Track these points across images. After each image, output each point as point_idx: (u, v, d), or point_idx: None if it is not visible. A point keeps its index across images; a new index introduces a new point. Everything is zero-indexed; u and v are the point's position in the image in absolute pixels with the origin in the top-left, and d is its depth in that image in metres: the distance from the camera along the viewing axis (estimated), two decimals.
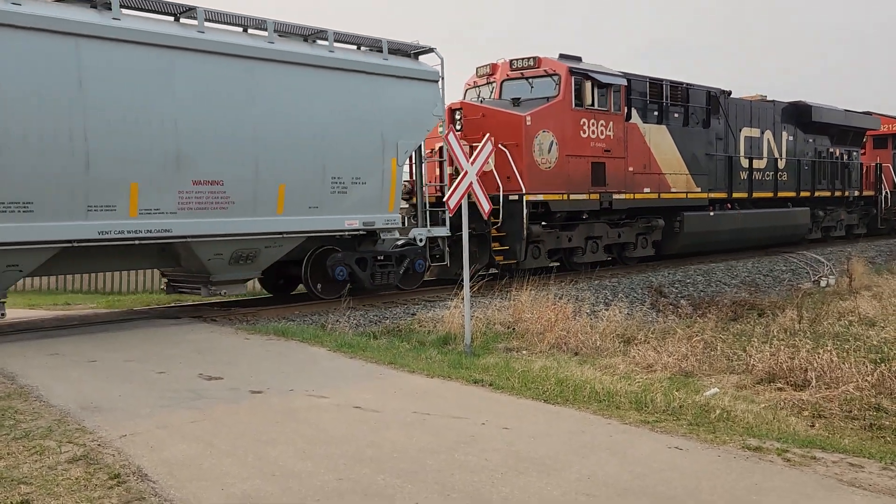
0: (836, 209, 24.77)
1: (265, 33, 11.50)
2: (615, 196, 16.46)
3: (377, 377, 7.51)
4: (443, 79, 13.58)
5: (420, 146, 13.77)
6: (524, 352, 9.46)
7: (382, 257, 13.21)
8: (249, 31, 11.58)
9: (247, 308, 12.61)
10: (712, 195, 19.15)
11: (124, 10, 10.14)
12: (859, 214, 26.24)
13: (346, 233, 12.50)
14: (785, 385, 7.72)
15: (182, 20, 10.82)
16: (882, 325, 11.31)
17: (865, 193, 26.08)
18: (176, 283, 12.32)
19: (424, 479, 4.60)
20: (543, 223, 15.25)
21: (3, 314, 9.69)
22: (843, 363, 7.94)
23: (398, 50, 13.30)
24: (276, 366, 7.95)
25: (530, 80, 15.64)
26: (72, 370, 7.72)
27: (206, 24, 10.89)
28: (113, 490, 4.36)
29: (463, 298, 9.59)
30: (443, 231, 13.95)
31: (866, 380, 7.48)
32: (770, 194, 21.43)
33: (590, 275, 16.58)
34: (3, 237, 9.19)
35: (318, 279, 12.80)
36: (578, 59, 16.23)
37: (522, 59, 15.82)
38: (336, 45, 12.38)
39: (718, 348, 9.33)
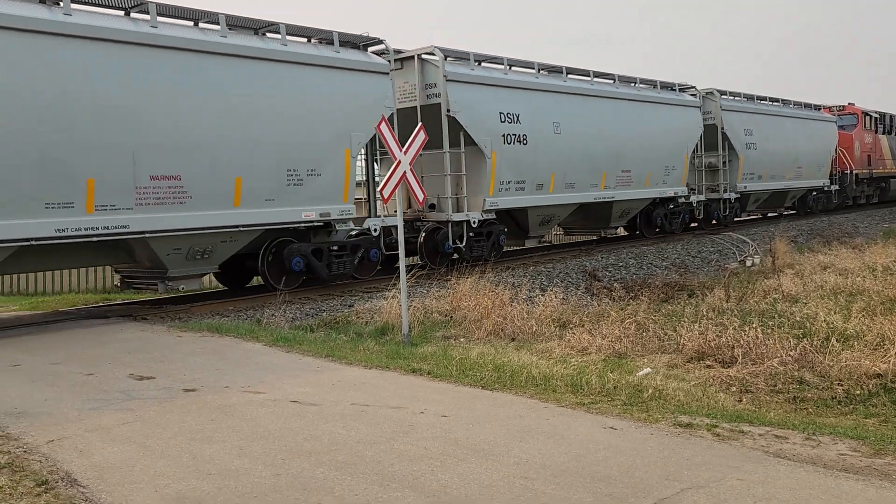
0: None
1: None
2: (873, 171, 33.05)
3: (314, 370, 7.44)
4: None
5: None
6: (462, 339, 9.50)
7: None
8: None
9: (179, 305, 12.32)
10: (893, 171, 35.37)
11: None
12: None
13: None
14: (714, 363, 7.95)
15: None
16: (804, 301, 11.74)
17: None
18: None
19: (363, 470, 4.58)
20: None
21: None
22: (768, 339, 8.23)
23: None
24: (211, 363, 7.80)
25: (840, 115, 30.84)
26: None
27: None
28: (41, 497, 4.21)
29: (400, 288, 9.57)
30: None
31: (790, 354, 7.77)
32: None
33: (526, 262, 16.82)
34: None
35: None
36: (853, 104, 32.03)
37: (837, 106, 31.35)
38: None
39: (650, 329, 9.55)
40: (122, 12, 10.98)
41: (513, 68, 16.70)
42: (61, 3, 10.11)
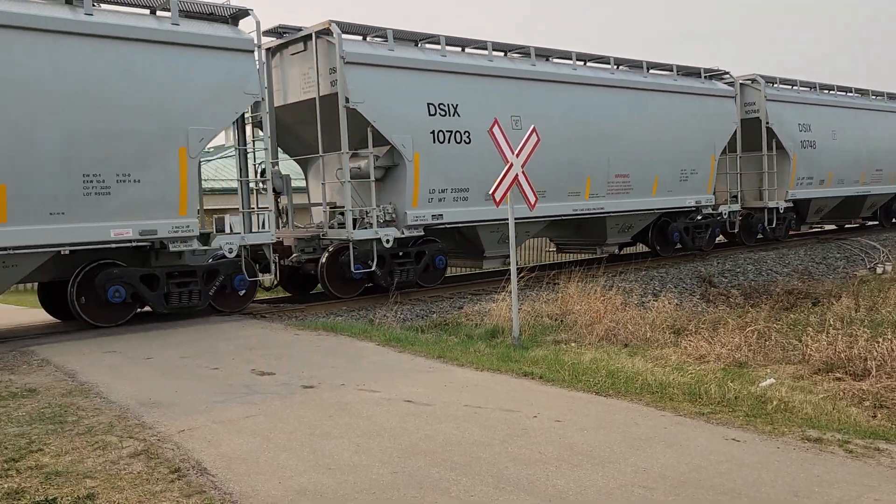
0: None
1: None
2: None
3: (427, 371, 7.52)
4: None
5: None
6: (573, 344, 9.38)
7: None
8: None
9: (295, 304, 12.76)
10: None
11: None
12: None
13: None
14: (844, 375, 7.51)
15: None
16: None
17: None
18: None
19: (479, 471, 4.59)
20: None
21: None
22: None
23: None
24: (327, 360, 8.03)
25: None
26: (129, 367, 7.90)
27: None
28: (174, 484, 4.45)
29: (510, 291, 9.55)
30: None
31: None
32: None
33: (637, 266, 16.44)
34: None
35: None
36: None
37: None
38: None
39: (773, 338, 9.12)
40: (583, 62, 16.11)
41: (794, 87, 21.00)
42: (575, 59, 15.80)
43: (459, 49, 14.19)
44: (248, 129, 12.27)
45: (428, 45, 13.56)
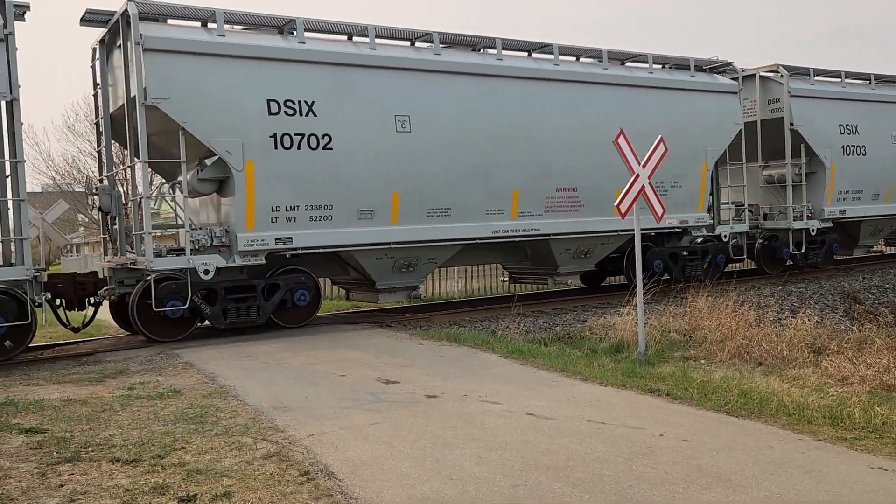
0: None
1: None
2: None
3: (549, 384, 7.46)
4: None
5: None
6: (702, 361, 9.04)
7: None
8: None
9: (420, 314, 13.00)
10: None
11: None
12: None
13: None
14: None
15: None
16: None
17: None
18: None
19: (602, 489, 4.51)
20: None
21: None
22: None
23: None
24: (450, 371, 8.12)
25: None
26: (264, 372, 8.30)
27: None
28: (303, 486, 4.63)
29: (636, 305, 9.33)
30: None
31: None
32: None
33: (774, 280, 15.67)
34: None
35: None
36: None
37: None
38: None
39: None
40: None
41: None
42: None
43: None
44: None
45: (819, 78, 17.57)
